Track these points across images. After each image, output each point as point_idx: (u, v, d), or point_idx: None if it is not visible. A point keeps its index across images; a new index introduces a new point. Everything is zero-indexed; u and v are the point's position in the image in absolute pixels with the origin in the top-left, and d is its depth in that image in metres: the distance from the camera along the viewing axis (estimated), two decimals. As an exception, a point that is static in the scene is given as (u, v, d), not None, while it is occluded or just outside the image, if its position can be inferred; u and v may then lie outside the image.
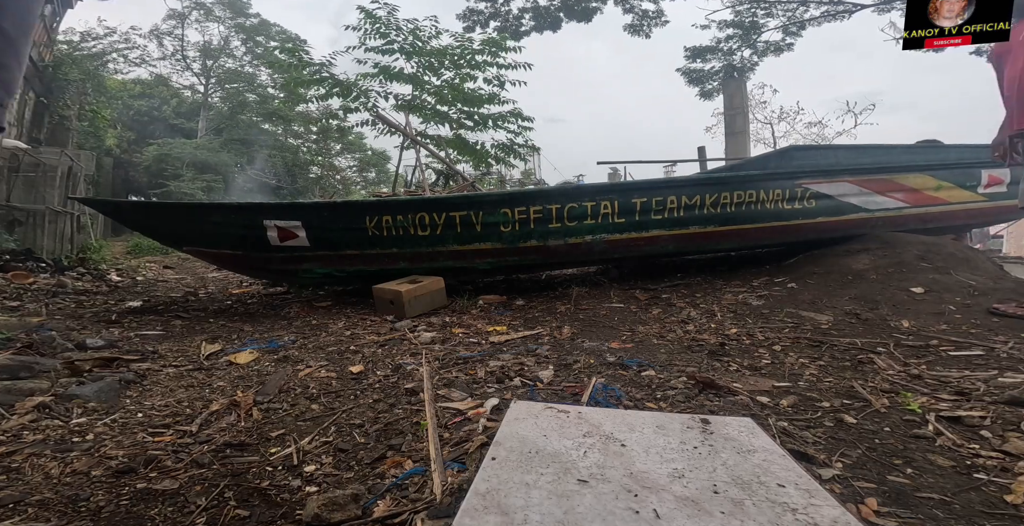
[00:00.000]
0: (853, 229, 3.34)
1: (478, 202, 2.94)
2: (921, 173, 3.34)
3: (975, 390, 1.40)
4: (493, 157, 6.66)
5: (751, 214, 3.11)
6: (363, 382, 1.63)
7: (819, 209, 3.20)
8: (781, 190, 3.11)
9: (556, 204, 2.89)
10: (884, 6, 10.71)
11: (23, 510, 0.93)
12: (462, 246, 2.94)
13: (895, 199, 3.33)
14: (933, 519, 0.86)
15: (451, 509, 0.85)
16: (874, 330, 2.06)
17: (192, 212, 3.21)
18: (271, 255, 3.00)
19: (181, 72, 19.88)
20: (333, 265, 3.07)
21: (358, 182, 20.59)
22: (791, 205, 3.15)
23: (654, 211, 2.99)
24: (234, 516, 0.92)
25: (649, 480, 0.83)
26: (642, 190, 3.02)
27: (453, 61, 6.08)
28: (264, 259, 3.07)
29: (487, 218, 2.87)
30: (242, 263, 3.29)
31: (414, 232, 2.89)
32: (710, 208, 3.04)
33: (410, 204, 2.97)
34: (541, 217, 2.89)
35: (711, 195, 3.02)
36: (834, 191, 3.20)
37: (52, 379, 1.60)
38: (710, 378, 1.48)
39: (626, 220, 2.98)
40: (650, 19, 11.84)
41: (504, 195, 3.09)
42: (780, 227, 3.19)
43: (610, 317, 2.53)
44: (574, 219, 2.92)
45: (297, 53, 6.15)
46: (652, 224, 3.01)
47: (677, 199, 3.00)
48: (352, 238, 2.93)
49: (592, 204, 2.92)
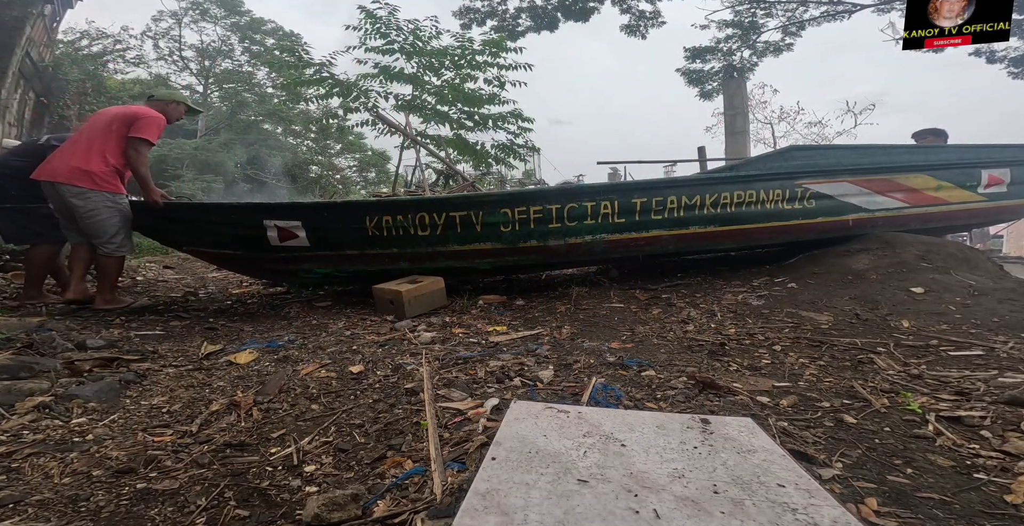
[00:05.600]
0: (854, 229, 3.33)
1: (478, 202, 2.93)
2: (921, 173, 3.34)
3: (975, 390, 1.40)
4: (493, 157, 6.66)
5: (751, 214, 3.10)
6: (363, 382, 1.63)
7: (819, 209, 3.20)
8: (781, 190, 3.11)
9: (556, 204, 2.89)
10: (884, 6, 10.71)
11: (23, 510, 0.94)
12: (462, 246, 2.93)
13: (895, 199, 3.32)
14: (933, 519, 0.86)
15: (451, 509, 0.85)
16: (874, 330, 2.06)
17: (191, 212, 3.20)
18: (271, 255, 2.99)
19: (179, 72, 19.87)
20: (333, 265, 3.06)
21: (358, 182, 20.58)
22: (791, 205, 3.15)
23: (654, 211, 2.98)
24: (234, 516, 0.92)
25: (649, 480, 0.83)
26: (642, 190, 3.01)
27: (453, 61, 6.08)
28: (264, 259, 3.06)
29: (487, 218, 2.86)
30: (242, 263, 3.28)
31: (414, 232, 2.88)
32: (710, 208, 3.03)
33: (410, 204, 2.96)
34: (541, 217, 2.88)
35: (711, 195, 3.02)
36: (834, 191, 3.20)
37: (52, 379, 1.60)
38: (710, 378, 1.48)
39: (626, 220, 2.96)
40: (647, 20, 11.84)
41: (504, 195, 3.09)
42: (781, 227, 3.18)
43: (610, 317, 2.53)
44: (574, 219, 2.91)
45: (296, 52, 6.15)
46: (652, 224, 3.00)
47: (677, 199, 2.99)
48: (352, 238, 2.92)
49: (592, 204, 2.91)
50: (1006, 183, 3.51)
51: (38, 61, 10.07)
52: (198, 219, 3.06)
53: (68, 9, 12.50)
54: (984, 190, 3.48)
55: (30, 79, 9.86)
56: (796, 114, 19.84)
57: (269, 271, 3.33)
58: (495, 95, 6.25)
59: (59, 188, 2.62)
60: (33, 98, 10.29)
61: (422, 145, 6.29)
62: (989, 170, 3.47)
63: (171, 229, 3.15)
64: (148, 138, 2.71)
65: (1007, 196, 3.56)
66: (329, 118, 7.14)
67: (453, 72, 6.19)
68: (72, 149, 2.67)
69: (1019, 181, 3.56)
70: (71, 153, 2.65)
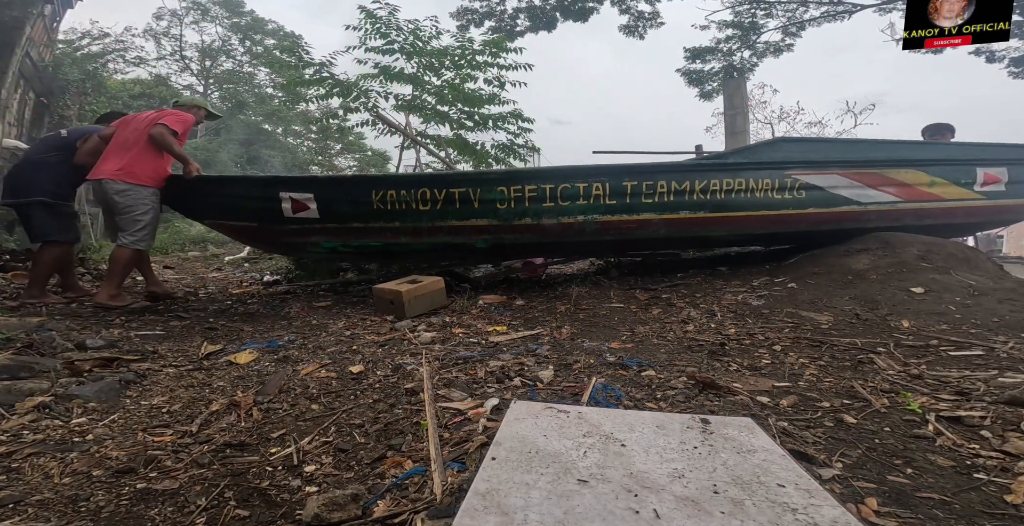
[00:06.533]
0: (847, 222, 3.34)
1: (477, 179, 3.07)
2: (913, 168, 3.33)
3: (975, 390, 1.40)
4: (493, 157, 6.65)
5: (741, 202, 3.16)
6: (363, 382, 1.63)
7: (810, 200, 3.24)
8: (771, 179, 3.16)
9: (550, 184, 2.99)
10: (885, 6, 10.71)
11: (23, 510, 0.93)
12: (460, 222, 3.03)
13: (888, 193, 3.32)
14: (933, 519, 0.86)
15: (451, 509, 0.85)
16: (874, 330, 2.06)
17: (217, 184, 3.39)
18: (283, 227, 3.17)
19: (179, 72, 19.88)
20: (340, 238, 3.20)
21: (358, 182, 20.53)
22: (781, 195, 3.20)
23: (645, 194, 3.07)
24: (234, 516, 0.92)
25: (649, 480, 0.83)
26: (633, 173, 3.09)
27: (453, 61, 6.08)
28: (277, 231, 3.24)
29: (484, 195, 2.97)
30: (257, 235, 3.48)
31: (416, 207, 2.99)
32: (700, 194, 3.10)
33: (413, 180, 3.12)
34: (536, 196, 2.98)
35: (700, 181, 3.09)
36: (824, 183, 3.23)
37: (52, 379, 1.60)
38: (710, 378, 1.48)
39: (617, 202, 3.05)
40: (645, 20, 11.83)
41: (501, 173, 3.24)
42: (772, 216, 3.22)
43: (610, 317, 2.53)
44: (567, 199, 3.00)
45: (296, 52, 6.15)
46: (643, 207, 3.08)
47: (667, 183, 3.07)
48: (358, 211, 3.06)
49: (584, 185, 3.00)
50: (1003, 182, 3.49)
51: (38, 61, 10.07)
52: (222, 191, 3.28)
53: (68, 9, 12.50)
54: (981, 188, 3.47)
55: (30, 79, 9.85)
56: (796, 114, 19.87)
57: (281, 245, 3.52)
58: (495, 95, 6.24)
59: (105, 184, 2.85)
60: (33, 98, 10.29)
61: (422, 145, 6.29)
62: (985, 168, 3.45)
63: (196, 202, 3.35)
64: (168, 124, 2.95)
65: (1005, 195, 3.54)
66: (329, 118, 7.13)
67: (453, 72, 6.18)
68: (116, 150, 2.96)
69: (1018, 180, 3.55)
70: (115, 154, 2.95)
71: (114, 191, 2.85)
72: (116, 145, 2.98)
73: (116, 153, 2.94)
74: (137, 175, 2.90)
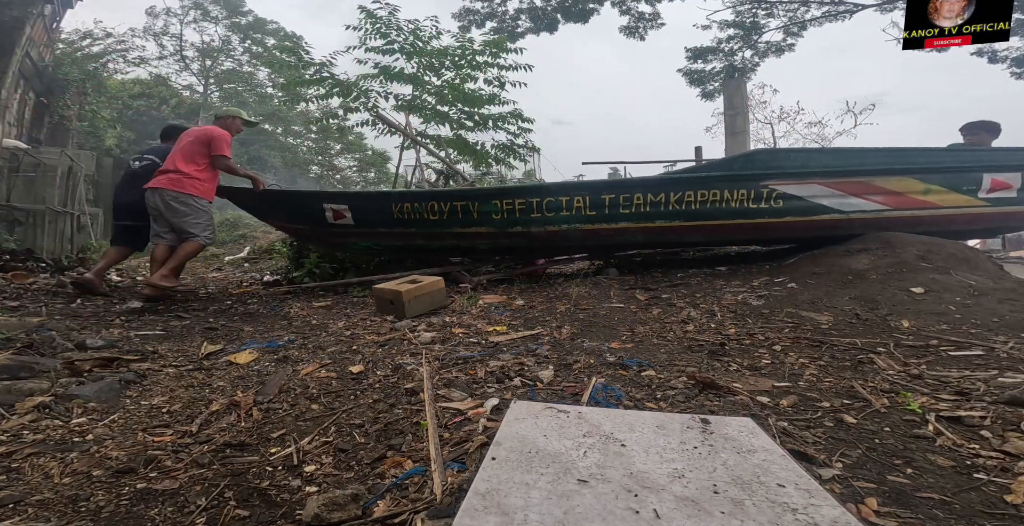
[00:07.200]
0: (828, 230, 3.41)
1: (474, 195, 3.71)
2: (904, 176, 3.32)
3: (975, 390, 1.40)
4: (493, 157, 6.64)
5: (715, 211, 3.39)
6: (363, 382, 1.63)
7: (787, 209, 3.36)
8: (746, 190, 3.33)
9: (536, 198, 3.48)
10: (886, 6, 10.70)
11: (23, 510, 0.94)
12: (464, 229, 3.61)
13: (874, 201, 3.33)
14: (933, 519, 0.86)
15: (451, 509, 0.85)
16: (874, 330, 2.06)
17: (278, 196, 4.11)
18: (328, 230, 3.87)
19: (180, 72, 19.88)
20: (371, 240, 3.90)
21: (358, 182, 20.56)
22: (757, 204, 3.36)
23: (622, 206, 3.43)
24: (234, 516, 0.92)
25: (649, 480, 0.83)
26: (611, 188, 3.57)
27: (454, 61, 6.07)
28: (323, 233, 3.95)
29: (482, 207, 3.52)
30: (309, 235, 4.19)
31: (427, 216, 3.58)
32: (675, 205, 3.40)
33: (424, 195, 3.75)
34: (524, 208, 3.48)
35: (675, 193, 3.38)
36: (803, 192, 3.33)
37: (52, 379, 1.60)
38: (710, 378, 1.48)
39: (596, 213, 3.45)
40: (646, 21, 11.84)
41: (494, 190, 3.96)
42: (747, 224, 3.41)
43: (610, 317, 2.53)
44: (551, 211, 3.47)
45: (297, 52, 6.14)
46: (620, 217, 3.46)
47: (643, 196, 3.41)
48: (383, 219, 3.68)
49: (566, 199, 3.45)
50: (1015, 188, 3.40)
51: (38, 61, 10.07)
52: (282, 201, 4.05)
53: (68, 9, 12.50)
54: (986, 195, 3.39)
55: (30, 79, 9.86)
56: (796, 114, 19.82)
57: (328, 243, 4.20)
58: (495, 95, 6.24)
59: (163, 194, 3.26)
60: (33, 98, 10.29)
61: (422, 145, 6.29)
62: (993, 174, 3.37)
63: (264, 208, 4.14)
64: (223, 153, 3.42)
65: (1016, 202, 3.44)
66: (329, 118, 7.12)
67: (453, 72, 6.17)
68: (170, 164, 3.37)
69: None
70: (170, 167, 3.35)
71: (169, 198, 3.26)
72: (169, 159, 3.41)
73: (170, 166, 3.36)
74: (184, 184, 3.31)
